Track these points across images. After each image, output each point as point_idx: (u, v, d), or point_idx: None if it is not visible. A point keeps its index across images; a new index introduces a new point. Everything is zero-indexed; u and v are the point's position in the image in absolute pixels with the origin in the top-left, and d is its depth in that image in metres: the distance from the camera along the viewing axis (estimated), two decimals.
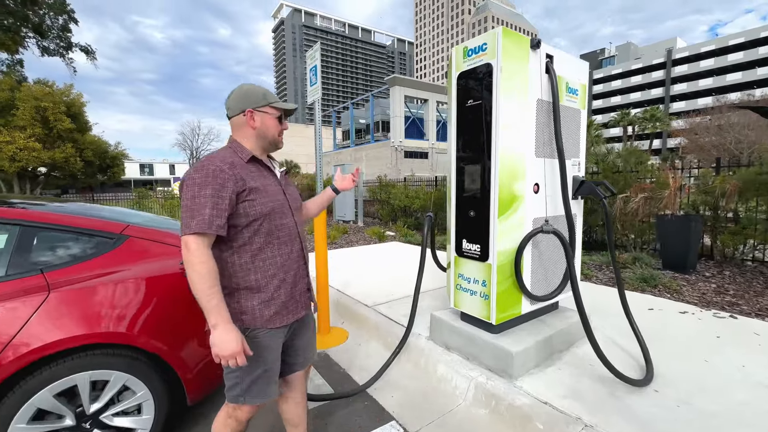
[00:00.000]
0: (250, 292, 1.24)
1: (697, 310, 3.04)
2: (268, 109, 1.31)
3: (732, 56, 52.59)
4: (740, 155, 24.69)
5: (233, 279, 1.23)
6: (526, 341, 2.13)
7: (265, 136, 1.32)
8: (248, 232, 1.22)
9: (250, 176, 1.23)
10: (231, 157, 1.24)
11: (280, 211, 1.30)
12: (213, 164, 1.16)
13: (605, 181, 2.18)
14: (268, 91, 1.33)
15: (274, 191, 1.30)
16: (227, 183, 1.15)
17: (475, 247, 2.19)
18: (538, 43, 2.00)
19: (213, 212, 1.11)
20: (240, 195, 1.19)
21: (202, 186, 1.13)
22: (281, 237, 1.30)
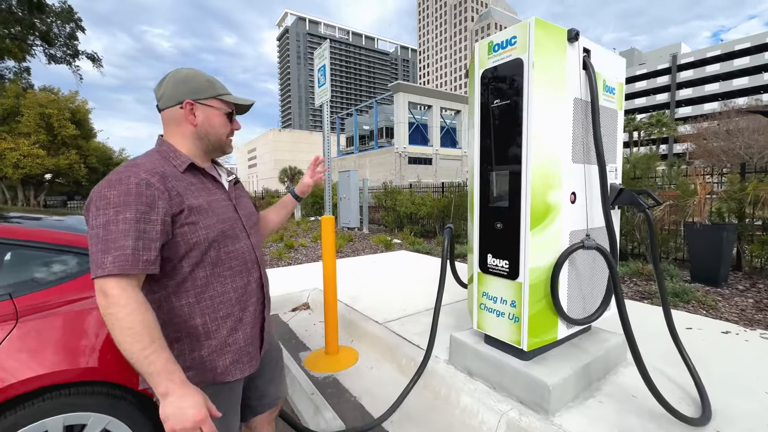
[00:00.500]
0: (195, 341, 0.95)
1: (741, 330, 2.77)
2: (214, 102, 1.02)
3: (738, 61, 52.27)
4: (750, 160, 24.30)
5: (171, 327, 0.93)
6: (562, 370, 1.89)
7: (208, 136, 1.02)
8: (189, 264, 0.92)
9: (189, 191, 0.93)
10: (161, 165, 0.93)
11: (232, 234, 1.01)
12: (136, 176, 0.85)
13: (648, 189, 1.94)
14: (216, 80, 1.04)
15: (223, 208, 1.01)
16: (157, 202, 0.85)
17: (503, 263, 1.96)
18: (576, 35, 1.79)
19: (138, 244, 0.81)
20: (177, 217, 0.89)
21: (120, 207, 0.81)
22: (234, 266, 1.01)
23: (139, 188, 0.84)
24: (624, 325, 1.70)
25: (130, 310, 0.78)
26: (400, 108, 28.91)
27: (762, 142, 25.32)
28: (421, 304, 3.56)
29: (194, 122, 1.00)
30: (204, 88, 1.01)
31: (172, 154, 0.98)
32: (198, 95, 1.00)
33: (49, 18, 16.00)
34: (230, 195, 1.08)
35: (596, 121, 1.83)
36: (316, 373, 2.54)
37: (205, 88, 1.01)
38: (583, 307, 2.04)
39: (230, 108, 1.06)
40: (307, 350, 2.93)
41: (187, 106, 0.98)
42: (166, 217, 0.87)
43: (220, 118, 1.04)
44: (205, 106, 1.01)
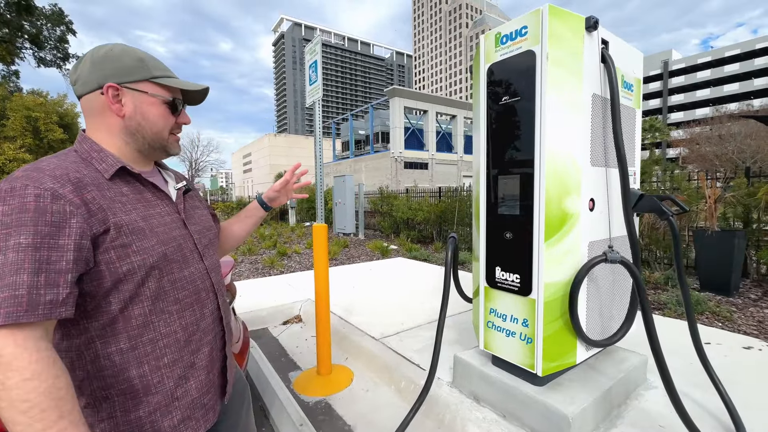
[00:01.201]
0: (131, 399, 0.72)
1: (764, 345, 2.59)
2: (147, 86, 0.79)
3: (728, 67, 53.10)
4: (743, 164, 24.47)
5: (97, 382, 0.70)
6: (581, 398, 1.68)
7: (141, 132, 0.79)
8: (119, 300, 0.70)
9: (117, 203, 0.72)
10: (78, 169, 0.70)
11: (178, 257, 0.79)
12: (36, 185, 0.63)
13: (673, 195, 1.76)
14: (152, 58, 0.81)
15: (166, 225, 0.79)
16: (69, 220, 0.63)
17: (513, 277, 1.76)
18: (596, 24, 1.61)
19: (36, 279, 0.59)
20: (100, 239, 0.67)
21: (11, 229, 0.59)
22: (182, 298, 0.79)
23: (41, 202, 0.62)
24: (654, 349, 1.51)
25: (28, 375, 0.55)
26: (395, 113, 28.81)
27: (754, 147, 25.54)
28: (420, 316, 3.35)
29: (121, 112, 0.77)
30: (132, 69, 0.77)
31: (96, 155, 0.75)
32: (124, 77, 0.76)
33: (38, 21, 15.75)
34: (178, 207, 0.86)
35: (617, 119, 1.65)
36: (306, 397, 2.31)
37: (134, 68, 0.78)
38: (601, 325, 1.84)
39: (171, 95, 0.83)
40: (297, 369, 2.70)
41: (109, 92, 0.75)
42: (82, 240, 0.65)
43: (156, 108, 0.80)
44: (134, 91, 0.78)
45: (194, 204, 0.94)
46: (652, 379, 2.14)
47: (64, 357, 0.67)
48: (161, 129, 0.82)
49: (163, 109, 0.81)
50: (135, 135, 0.80)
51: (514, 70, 1.70)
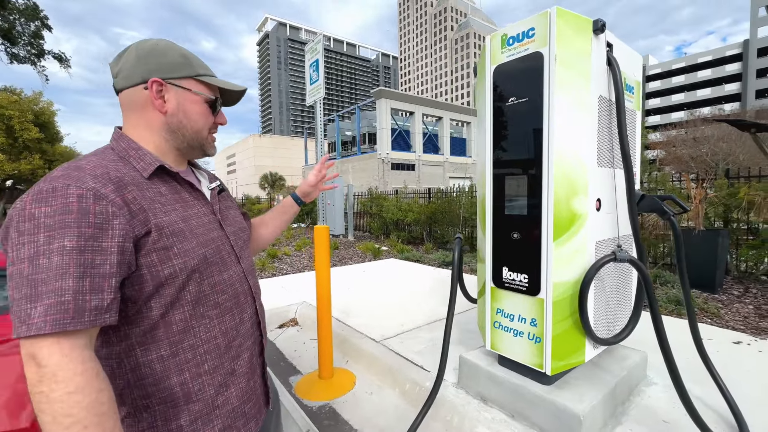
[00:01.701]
0: (171, 408, 0.69)
1: (752, 339, 2.69)
2: (191, 83, 0.77)
3: (701, 73, 55.33)
4: (716, 166, 25.50)
5: (137, 390, 0.67)
6: (590, 396, 1.70)
7: (182, 130, 0.77)
8: (160, 305, 0.67)
9: (157, 204, 0.69)
10: (117, 168, 0.67)
11: (218, 260, 0.76)
12: (78, 184, 0.59)
13: (673, 195, 1.81)
14: (195, 57, 0.80)
15: (205, 226, 0.76)
16: (112, 221, 0.60)
17: (521, 277, 1.77)
18: (603, 27, 1.63)
19: (82, 284, 0.56)
20: (142, 242, 0.64)
21: (55, 232, 0.56)
22: (222, 302, 0.76)
23: (84, 203, 0.59)
24: (663, 347, 1.53)
25: (72, 388, 0.52)
26: (382, 114, 28.85)
27: (726, 149, 26.65)
28: (419, 318, 3.34)
29: (163, 109, 0.74)
30: (177, 65, 0.76)
31: (134, 153, 0.72)
32: (168, 73, 0.74)
33: (11, 15, 15.09)
34: (213, 207, 0.82)
35: (622, 121, 1.67)
36: (309, 401, 2.27)
37: (179, 64, 0.76)
38: (607, 324, 1.87)
39: (213, 94, 0.81)
40: (297, 374, 2.65)
41: (153, 86, 0.73)
42: (125, 242, 0.62)
43: (198, 107, 0.78)
44: (178, 88, 0.76)
45: (228, 204, 0.91)
46: (651, 375, 2.19)
47: (105, 365, 0.64)
48: (201, 128, 0.80)
49: (204, 108, 0.80)
50: (175, 133, 0.77)
51: (522, 71, 1.71)
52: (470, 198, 8.51)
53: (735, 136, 24.57)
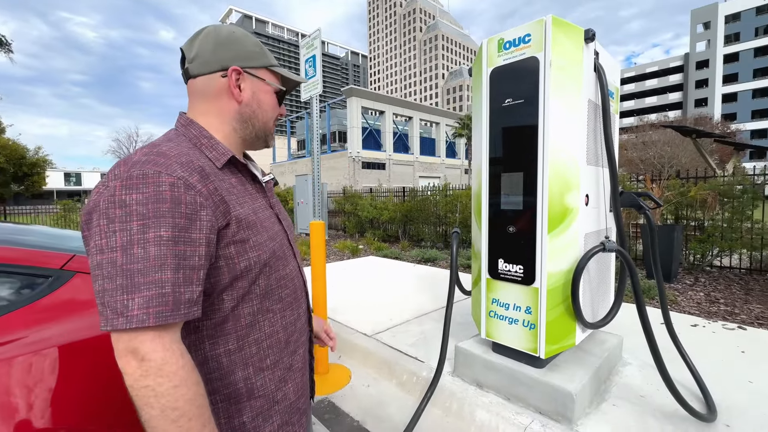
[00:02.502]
0: (234, 404, 0.69)
1: (706, 323, 3.00)
2: (266, 74, 0.76)
3: (649, 82, 59.80)
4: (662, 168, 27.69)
5: (208, 385, 0.66)
6: (579, 376, 1.85)
7: (254, 120, 0.76)
8: (232, 298, 0.67)
9: (233, 196, 0.67)
10: (196, 156, 0.66)
11: (282, 254, 0.76)
12: (169, 172, 0.58)
13: (649, 192, 2.00)
14: (264, 46, 0.79)
15: (269, 220, 0.76)
16: (200, 212, 0.59)
17: (517, 268, 1.88)
18: (593, 36, 1.77)
19: (179, 277, 0.55)
20: (222, 233, 0.63)
21: (150, 220, 0.54)
22: (285, 297, 0.76)
23: (176, 191, 0.57)
24: (646, 330, 1.70)
25: (177, 382, 0.52)
26: (353, 112, 28.77)
27: (670, 153, 29.06)
28: (407, 312, 3.41)
29: (240, 98, 0.73)
30: (254, 54, 0.75)
31: (206, 141, 0.70)
32: (247, 62, 0.73)
33: None
34: (270, 201, 0.82)
35: (608, 123, 1.83)
36: None
37: (256, 54, 0.75)
38: (592, 308, 2.03)
39: (282, 85, 0.81)
40: None
41: (233, 75, 0.71)
42: (211, 233, 0.61)
43: (270, 97, 0.78)
44: (254, 78, 0.75)
45: (277, 198, 0.90)
46: (626, 356, 2.40)
47: None
48: (270, 118, 0.80)
49: (274, 99, 0.79)
50: (246, 122, 0.76)
51: (518, 74, 1.82)
52: (444, 197, 8.72)
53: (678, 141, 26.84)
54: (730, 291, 3.96)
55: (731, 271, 4.87)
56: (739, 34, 49.35)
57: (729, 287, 4.11)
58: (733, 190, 4.58)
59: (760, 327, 2.95)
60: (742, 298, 3.70)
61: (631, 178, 6.49)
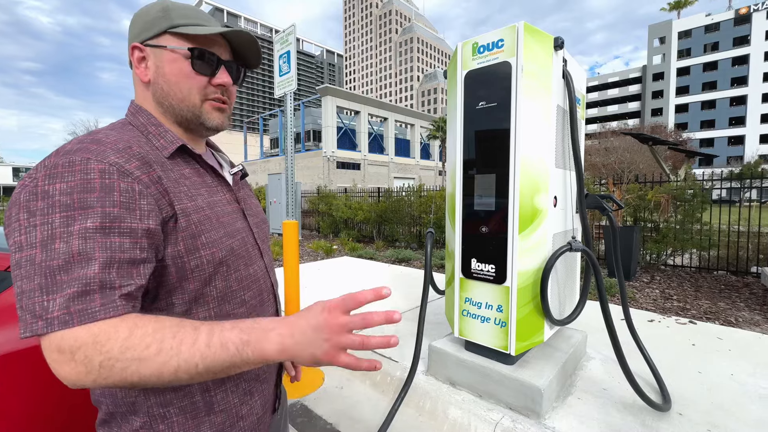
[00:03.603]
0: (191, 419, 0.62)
1: (661, 318, 3.20)
2: (167, 38, 0.64)
3: (611, 91, 63.17)
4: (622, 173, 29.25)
5: (153, 398, 0.60)
6: (547, 372, 1.91)
7: (168, 98, 0.65)
8: (182, 301, 0.61)
9: (182, 187, 0.62)
10: (140, 143, 0.60)
11: (244, 253, 0.69)
12: (99, 158, 0.53)
13: (612, 194, 2.10)
14: (184, 6, 0.66)
15: (230, 215, 0.69)
16: (139, 201, 0.54)
17: (489, 267, 1.92)
18: (562, 44, 1.85)
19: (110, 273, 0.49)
20: (167, 229, 0.58)
21: (74, 212, 0.49)
22: (249, 300, 0.70)
23: (107, 179, 0.52)
24: (608, 326, 1.78)
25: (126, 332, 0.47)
26: (328, 112, 28.50)
27: (629, 159, 30.92)
28: None
29: (146, 77, 0.64)
30: (154, 21, 0.64)
31: (154, 129, 0.64)
32: (146, 33, 0.64)
33: None
34: (237, 195, 0.75)
35: (575, 128, 1.91)
36: None
37: (156, 19, 0.64)
38: (559, 307, 2.11)
39: (191, 43, 0.64)
40: None
41: (134, 53, 0.64)
42: (154, 225, 0.55)
43: (178, 65, 0.64)
44: (155, 48, 0.64)
45: (248, 192, 0.84)
46: (590, 351, 2.51)
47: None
48: (187, 92, 0.65)
49: (183, 66, 0.64)
50: (163, 104, 0.66)
51: (491, 78, 1.86)
52: (419, 198, 8.81)
53: (636, 148, 28.47)
54: (682, 288, 4.25)
55: (683, 270, 5.23)
56: (690, 49, 53.16)
57: (681, 285, 4.41)
58: (684, 194, 4.92)
59: (708, 321, 3.18)
60: (692, 294, 3.98)
61: (594, 182, 6.82)
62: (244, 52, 0.72)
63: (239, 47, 0.71)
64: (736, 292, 4.03)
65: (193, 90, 0.65)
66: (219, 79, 0.67)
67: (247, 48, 0.71)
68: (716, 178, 5.61)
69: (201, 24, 0.66)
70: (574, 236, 2.06)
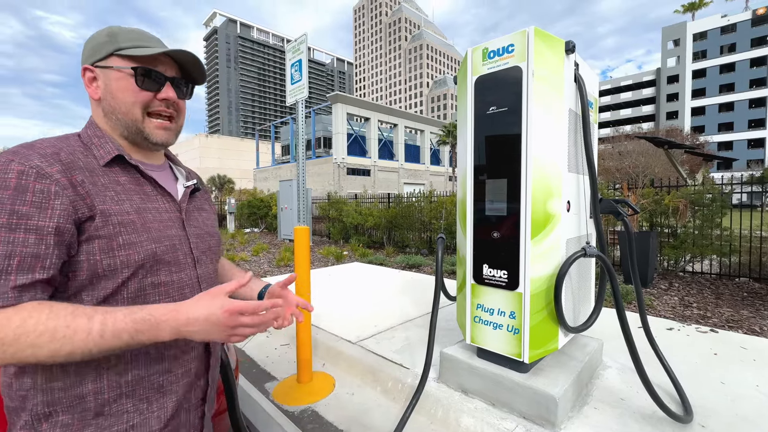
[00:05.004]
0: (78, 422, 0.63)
1: (681, 326, 3.10)
2: (114, 60, 0.71)
3: (624, 95, 62.30)
4: (637, 177, 28.71)
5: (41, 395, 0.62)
6: (562, 381, 1.87)
7: (115, 112, 0.72)
8: (91, 299, 0.64)
9: (110, 192, 0.67)
10: (73, 151, 0.66)
11: (170, 259, 0.72)
12: (23, 161, 0.59)
13: (627, 199, 2.06)
14: (129, 31, 0.74)
15: (161, 222, 0.73)
16: (52, 200, 0.59)
17: (501, 273, 1.90)
18: (573, 48, 1.83)
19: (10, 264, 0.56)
20: (84, 226, 0.62)
21: None
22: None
23: (23, 180, 0.58)
24: (626, 335, 1.74)
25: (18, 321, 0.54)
26: (338, 119, 28.80)
27: (644, 163, 30.31)
28: (391, 318, 3.39)
29: (96, 95, 0.73)
30: (101, 45, 0.71)
31: (96, 141, 0.71)
32: (95, 56, 0.72)
33: None
34: (181, 206, 0.80)
35: (588, 132, 1.89)
36: (289, 406, 2.22)
37: (103, 44, 0.71)
38: (573, 314, 2.07)
39: (137, 64, 0.72)
40: (273, 380, 2.57)
41: (85, 74, 0.73)
42: (65, 223, 0.60)
43: (124, 83, 0.71)
44: (104, 69, 0.72)
45: (200, 206, 0.87)
46: (606, 359, 2.45)
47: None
48: (130, 106, 0.72)
49: (128, 83, 0.72)
50: (111, 118, 0.73)
51: (502, 83, 1.86)
52: (429, 203, 8.79)
53: (651, 151, 27.99)
54: (702, 295, 4.12)
55: (702, 276, 5.07)
56: (706, 51, 52.15)
57: (701, 292, 4.28)
58: (703, 199, 4.80)
59: (731, 330, 3.07)
60: (713, 302, 3.85)
61: (608, 186, 6.71)
62: (189, 69, 0.79)
63: (185, 65, 0.78)
64: (759, 300, 3.89)
65: (136, 104, 0.72)
66: (163, 94, 0.75)
67: (192, 65, 0.78)
68: (736, 181, 5.45)
69: (145, 46, 0.73)
70: (588, 241, 2.02)
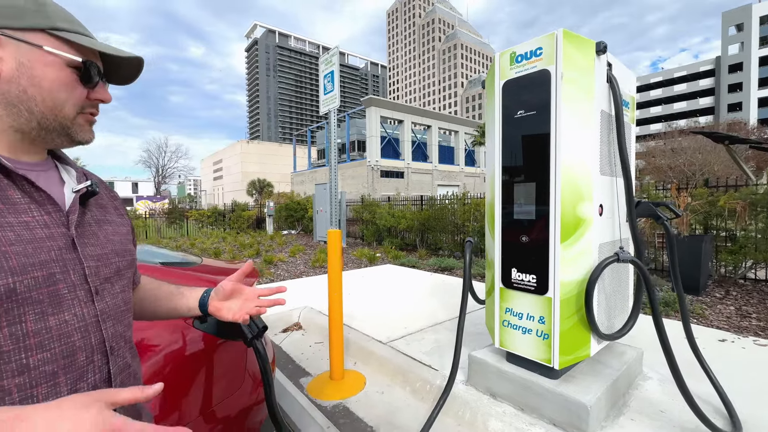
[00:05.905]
0: None
1: (735, 338, 2.87)
2: (45, 38, 0.55)
3: (677, 87, 57.76)
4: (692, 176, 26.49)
5: None
6: (594, 388, 1.82)
7: (28, 102, 0.55)
8: None
9: None
10: None
11: (44, 296, 0.51)
12: None
13: (667, 201, 1.97)
14: (61, 8, 0.58)
15: (32, 243, 0.52)
16: None
17: (530, 277, 1.89)
18: (605, 49, 1.79)
19: None
20: None
21: None
22: (38, 365, 0.50)
23: None
24: (663, 343, 1.67)
25: None
26: (372, 122, 29.14)
27: (701, 160, 27.89)
28: (421, 321, 3.43)
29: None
30: (22, 10, 0.53)
31: None
32: (7, 20, 0.52)
33: None
34: (69, 218, 0.58)
35: (621, 133, 1.83)
36: (322, 401, 2.33)
37: (25, 10, 0.53)
38: (608, 320, 2.00)
39: (82, 56, 0.58)
40: (307, 375, 2.70)
41: None
42: None
43: (56, 71, 0.55)
44: (21, 42, 0.53)
45: (102, 216, 0.66)
46: (646, 370, 2.33)
47: None
48: (62, 102, 0.57)
49: (66, 75, 0.57)
50: (16, 107, 0.54)
51: (530, 86, 1.85)
52: (462, 205, 8.70)
53: (710, 148, 25.72)
54: (764, 305, 3.77)
55: (766, 285, 4.63)
56: None
57: (763, 301, 3.91)
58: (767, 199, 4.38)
59: None
60: None
61: (657, 187, 6.30)
62: (121, 70, 0.66)
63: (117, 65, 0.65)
64: None
65: (70, 101, 0.58)
66: (100, 95, 0.62)
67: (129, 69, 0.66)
68: None
69: (84, 33, 0.59)
70: (622, 246, 1.95)
